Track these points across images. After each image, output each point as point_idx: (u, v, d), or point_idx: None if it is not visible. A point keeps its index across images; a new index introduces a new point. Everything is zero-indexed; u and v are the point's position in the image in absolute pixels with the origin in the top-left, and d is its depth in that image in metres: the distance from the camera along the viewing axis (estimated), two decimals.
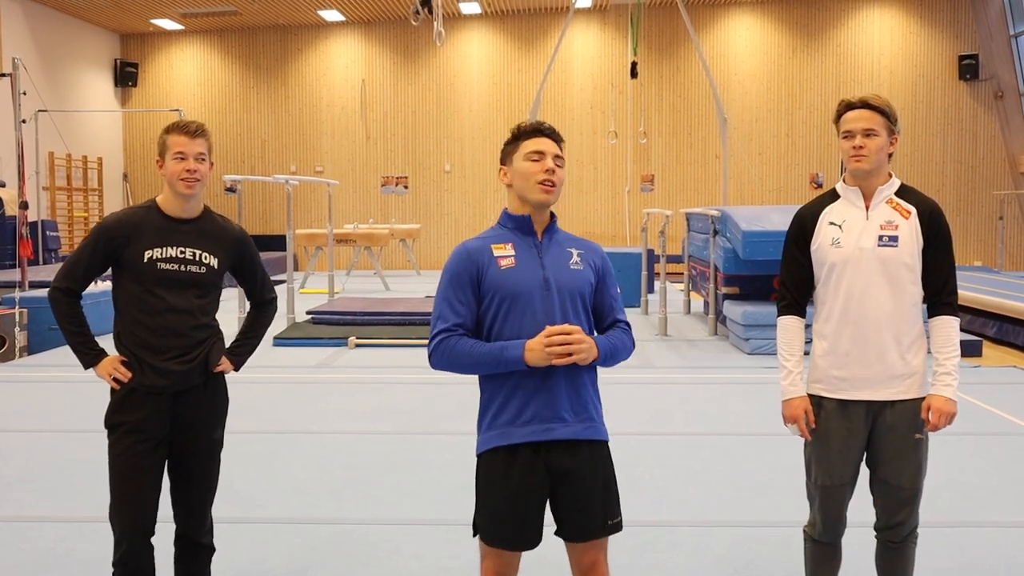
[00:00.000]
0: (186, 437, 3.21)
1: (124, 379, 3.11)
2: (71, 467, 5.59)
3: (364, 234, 17.82)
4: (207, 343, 3.22)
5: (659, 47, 21.71)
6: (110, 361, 3.14)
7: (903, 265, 3.01)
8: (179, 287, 3.13)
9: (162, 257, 3.12)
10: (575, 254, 2.76)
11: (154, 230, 3.14)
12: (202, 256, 3.18)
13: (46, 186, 19.30)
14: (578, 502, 2.69)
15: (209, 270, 3.20)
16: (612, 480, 2.76)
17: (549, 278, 2.69)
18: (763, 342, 9.59)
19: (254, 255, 3.40)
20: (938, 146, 21.11)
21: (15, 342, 9.92)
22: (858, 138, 3.01)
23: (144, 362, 3.11)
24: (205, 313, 3.23)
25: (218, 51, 22.96)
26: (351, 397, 7.75)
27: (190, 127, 3.15)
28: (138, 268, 3.10)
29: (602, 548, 2.76)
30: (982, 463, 5.70)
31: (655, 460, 5.75)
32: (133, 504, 3.10)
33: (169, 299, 3.12)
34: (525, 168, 2.71)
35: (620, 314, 2.81)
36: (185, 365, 3.14)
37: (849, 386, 3.05)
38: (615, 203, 21.79)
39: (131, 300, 3.13)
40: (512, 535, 2.68)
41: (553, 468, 2.66)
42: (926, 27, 21.02)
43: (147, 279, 3.11)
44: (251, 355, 3.46)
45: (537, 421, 2.65)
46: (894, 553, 3.15)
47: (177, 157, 3.11)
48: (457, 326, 2.66)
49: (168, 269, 3.12)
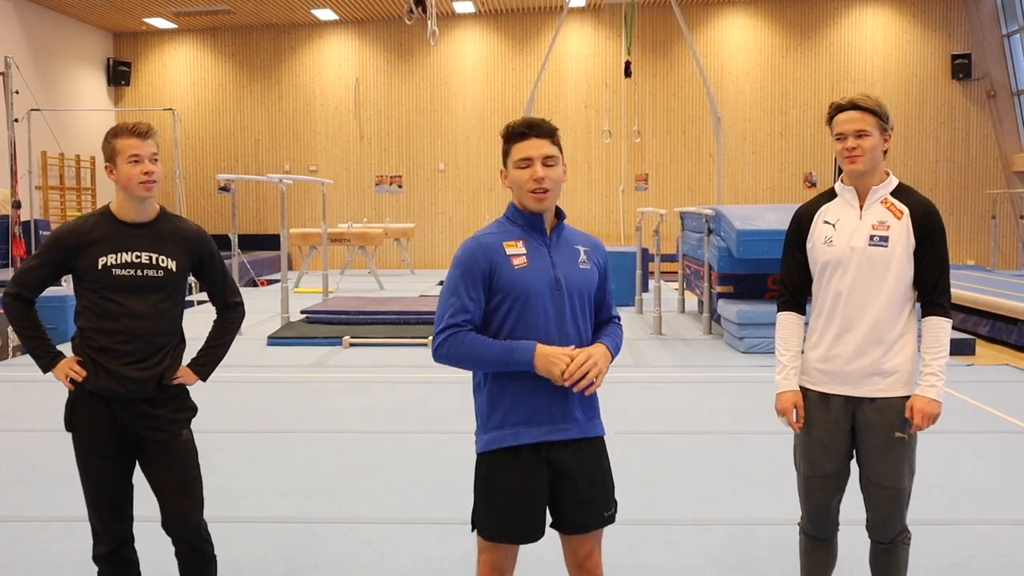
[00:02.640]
0: (149, 442, 3.12)
1: (79, 378, 3.06)
2: (66, 467, 5.55)
3: (358, 233, 17.81)
4: (166, 350, 3.13)
5: (653, 46, 21.73)
6: (67, 363, 3.09)
7: (893, 265, 3.03)
8: (138, 292, 3.06)
9: (117, 263, 3.04)
10: (583, 252, 2.76)
11: (107, 237, 3.06)
12: (159, 259, 3.10)
13: (39, 185, 19.24)
14: (578, 497, 2.71)
15: (167, 273, 3.11)
16: (608, 473, 2.81)
17: (560, 278, 2.68)
18: (757, 341, 9.60)
19: (214, 255, 3.28)
20: (931, 145, 21.17)
21: (8, 341, 9.90)
22: (850, 140, 3.03)
23: (100, 365, 3.05)
24: (165, 319, 3.13)
25: (211, 50, 22.92)
26: (345, 396, 7.75)
27: (140, 128, 3.06)
28: (93, 275, 3.04)
29: (597, 539, 2.79)
30: (975, 461, 5.72)
31: (649, 459, 5.76)
32: (104, 511, 3.13)
33: (128, 304, 3.04)
34: (516, 176, 2.69)
35: (614, 310, 2.89)
36: (143, 372, 3.06)
37: (830, 380, 3.10)
38: (609, 202, 21.80)
39: (89, 307, 3.07)
40: (519, 530, 2.69)
41: (555, 464, 2.68)
42: (919, 26, 21.07)
43: (103, 286, 3.04)
44: (217, 364, 3.34)
45: (551, 422, 2.66)
46: (885, 554, 3.17)
47: (132, 160, 3.03)
48: (466, 321, 2.63)
49: (124, 275, 3.05)
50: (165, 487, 3.15)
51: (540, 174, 2.65)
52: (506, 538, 2.69)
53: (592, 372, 2.59)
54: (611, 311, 2.86)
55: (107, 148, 3.09)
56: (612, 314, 2.86)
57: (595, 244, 2.83)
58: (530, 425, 2.64)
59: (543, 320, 2.64)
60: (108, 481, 3.12)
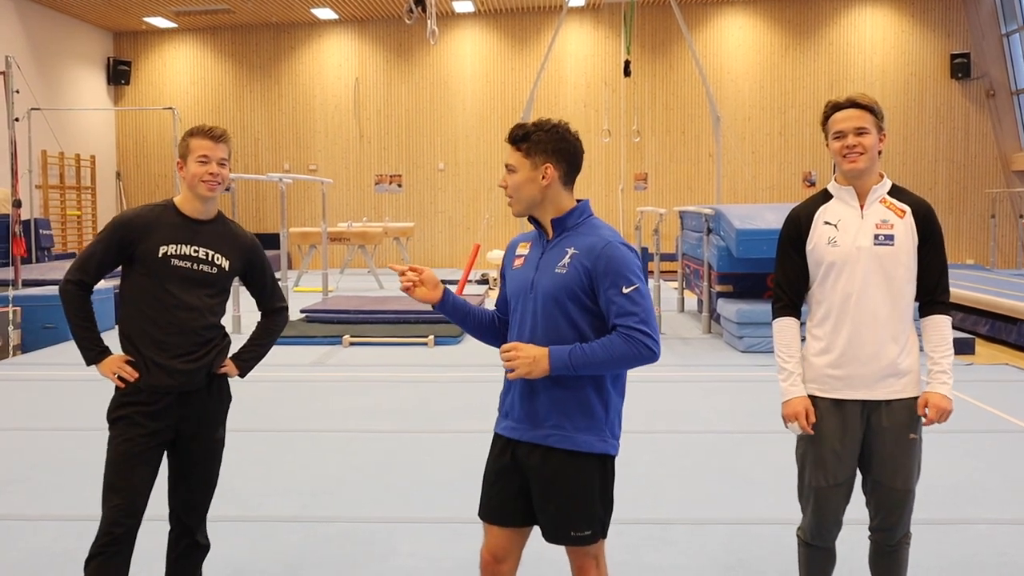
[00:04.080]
0: (190, 438, 3.22)
1: (130, 379, 3.12)
2: (66, 466, 5.58)
3: (358, 232, 17.81)
4: (214, 343, 3.24)
5: (652, 45, 21.73)
6: (114, 360, 3.15)
7: (900, 264, 3.02)
8: (190, 285, 3.16)
9: (176, 254, 3.15)
10: (568, 255, 2.69)
11: (170, 227, 3.17)
12: (215, 257, 3.22)
13: (39, 184, 19.24)
14: (540, 505, 2.74)
15: (220, 271, 3.23)
16: (588, 494, 2.70)
17: (535, 281, 2.73)
18: (757, 340, 9.61)
19: (264, 263, 3.43)
20: (930, 145, 21.17)
21: (9, 340, 9.91)
22: (850, 137, 3.01)
23: (150, 361, 3.12)
24: (213, 313, 3.25)
25: (211, 49, 22.92)
26: (345, 396, 7.75)
27: (215, 132, 3.21)
28: (151, 263, 3.13)
29: (588, 553, 2.75)
30: (975, 460, 5.73)
31: (649, 458, 5.76)
32: (125, 493, 3.08)
33: (180, 296, 3.14)
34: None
35: (622, 318, 2.60)
36: (191, 364, 3.16)
37: (845, 385, 3.04)
38: (609, 201, 21.79)
39: (141, 295, 3.15)
40: (483, 504, 2.84)
41: (519, 463, 2.76)
42: (918, 26, 21.08)
43: (159, 275, 3.13)
44: (258, 362, 3.46)
45: (510, 418, 2.79)
46: (888, 555, 3.16)
47: (200, 160, 3.16)
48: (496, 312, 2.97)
49: (181, 266, 3.15)
50: (190, 477, 3.26)
51: (505, 182, 2.79)
52: (480, 511, 2.86)
53: (514, 363, 2.65)
54: (616, 318, 2.61)
55: (182, 146, 3.23)
56: (616, 322, 2.61)
57: (589, 246, 2.67)
58: (500, 416, 2.84)
59: (519, 319, 2.78)
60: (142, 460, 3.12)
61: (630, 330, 2.60)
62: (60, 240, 20.12)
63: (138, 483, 3.11)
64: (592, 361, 2.60)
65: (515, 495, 2.76)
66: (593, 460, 2.70)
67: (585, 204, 2.78)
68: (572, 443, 2.67)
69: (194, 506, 3.28)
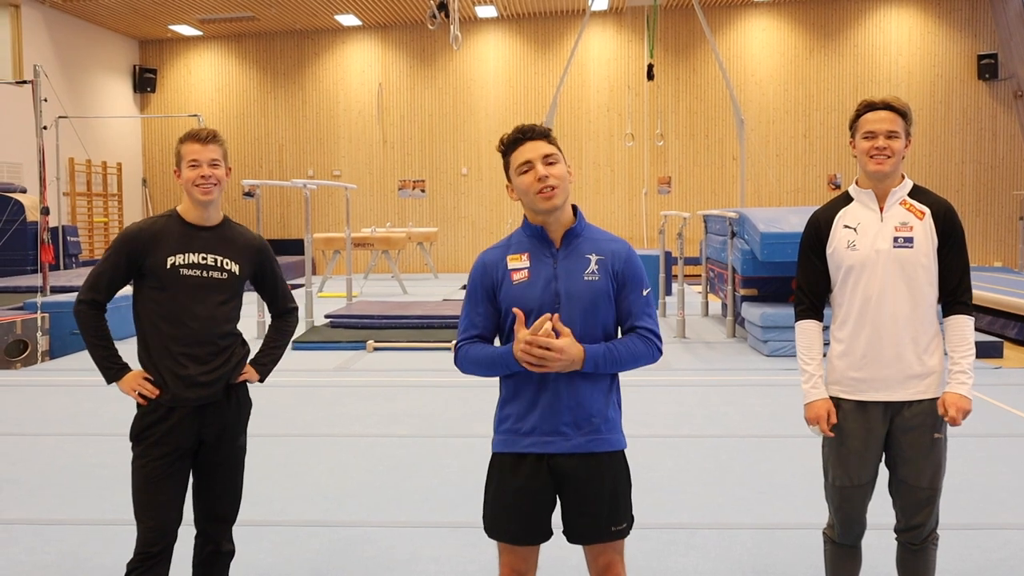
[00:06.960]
0: (212, 448, 3.22)
1: (151, 396, 3.12)
2: (94, 471, 5.64)
3: (382, 238, 17.88)
4: (231, 351, 3.23)
5: (675, 49, 21.68)
6: (134, 376, 3.15)
7: (919, 266, 3.02)
8: (203, 293, 3.15)
9: (185, 263, 3.14)
10: (593, 261, 2.68)
11: (176, 237, 3.16)
12: (223, 262, 3.20)
13: (67, 192, 19.45)
14: (580, 508, 2.71)
15: (231, 276, 3.22)
16: (622, 488, 2.74)
17: (561, 292, 2.66)
18: (781, 344, 9.56)
19: (274, 265, 3.41)
20: (957, 146, 20.98)
21: (37, 346, 10.01)
22: (881, 139, 3.01)
23: (170, 374, 3.11)
24: (228, 320, 3.23)
25: (236, 56, 23.09)
26: (370, 401, 7.78)
27: (201, 134, 3.19)
28: (161, 276, 3.12)
29: (616, 550, 2.76)
30: (1002, 465, 5.67)
31: (674, 463, 5.74)
32: (157, 513, 3.10)
33: (192, 306, 3.13)
34: (520, 182, 2.68)
35: (641, 320, 2.70)
36: (210, 375, 3.15)
37: (867, 387, 3.06)
38: (632, 205, 21.76)
39: (154, 309, 3.14)
40: (516, 530, 2.73)
41: (557, 473, 2.69)
42: (944, 27, 20.90)
43: (170, 286, 3.12)
44: (276, 365, 3.46)
45: (538, 433, 2.68)
46: (915, 555, 3.15)
47: (192, 164, 3.15)
48: (475, 336, 2.75)
49: (191, 275, 3.14)
50: (214, 487, 3.26)
51: (542, 172, 2.64)
52: (505, 537, 2.75)
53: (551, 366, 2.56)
54: (633, 320, 2.70)
55: (175, 153, 3.23)
56: (636, 324, 2.70)
57: (613, 251, 2.71)
58: (521, 434, 2.70)
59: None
60: (169, 479, 3.13)
61: (648, 332, 2.71)
62: (87, 247, 20.32)
63: (167, 502, 3.12)
64: (617, 360, 2.67)
65: (548, 511, 2.74)
66: (622, 456, 2.77)
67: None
68: (608, 444, 2.71)
69: (219, 516, 3.28)
